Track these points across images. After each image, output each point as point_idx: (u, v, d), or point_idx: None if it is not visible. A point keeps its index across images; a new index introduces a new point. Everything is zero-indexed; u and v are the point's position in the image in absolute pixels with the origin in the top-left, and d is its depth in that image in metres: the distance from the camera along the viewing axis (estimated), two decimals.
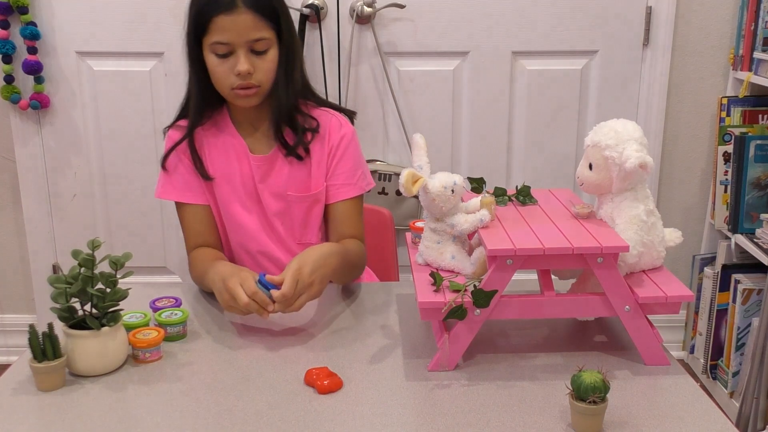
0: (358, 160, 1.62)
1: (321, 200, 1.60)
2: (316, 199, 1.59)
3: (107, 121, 2.52)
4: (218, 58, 1.46)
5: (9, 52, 2.40)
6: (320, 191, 1.59)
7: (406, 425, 1.09)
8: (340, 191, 1.59)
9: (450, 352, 1.22)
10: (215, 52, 1.46)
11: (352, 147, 1.60)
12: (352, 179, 1.60)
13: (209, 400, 1.16)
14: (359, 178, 1.61)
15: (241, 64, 1.44)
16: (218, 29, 1.43)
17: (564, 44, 2.47)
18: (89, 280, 1.20)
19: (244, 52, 1.45)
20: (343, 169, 1.59)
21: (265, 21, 1.45)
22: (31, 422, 1.11)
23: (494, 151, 2.56)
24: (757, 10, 2.30)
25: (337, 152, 1.58)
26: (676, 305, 1.21)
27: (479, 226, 1.25)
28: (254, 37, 1.44)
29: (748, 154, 2.31)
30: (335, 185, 1.59)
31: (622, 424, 1.08)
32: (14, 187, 2.59)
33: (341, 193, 1.59)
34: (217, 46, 1.45)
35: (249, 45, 1.45)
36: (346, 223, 1.60)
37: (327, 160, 1.58)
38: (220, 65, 1.46)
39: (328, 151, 1.58)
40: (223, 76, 1.47)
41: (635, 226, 1.23)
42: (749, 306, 2.36)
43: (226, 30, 1.43)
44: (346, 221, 1.60)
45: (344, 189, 1.60)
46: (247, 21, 1.43)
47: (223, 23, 1.43)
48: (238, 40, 1.44)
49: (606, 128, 1.26)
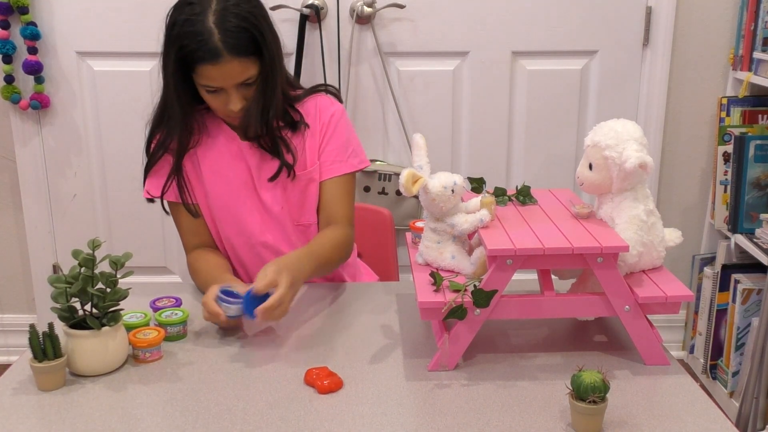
0: (348, 138, 1.62)
1: (316, 179, 1.59)
2: (310, 178, 1.59)
3: (107, 121, 2.52)
4: (209, 93, 1.46)
5: (9, 52, 2.40)
6: (314, 168, 1.58)
7: (406, 425, 1.09)
8: (330, 168, 1.59)
9: (450, 352, 1.22)
10: (205, 89, 1.45)
11: (342, 124, 1.60)
12: (342, 156, 1.59)
13: (209, 400, 1.16)
14: (350, 155, 1.60)
15: (233, 103, 1.45)
16: (205, 76, 1.42)
17: (564, 44, 2.47)
18: (89, 279, 1.20)
19: (234, 91, 1.45)
20: (334, 146, 1.59)
21: (251, 59, 1.44)
22: (31, 422, 1.11)
23: (494, 151, 2.56)
24: (757, 10, 2.30)
25: (328, 129, 1.59)
26: (676, 305, 1.22)
27: (479, 226, 1.25)
28: (241, 79, 1.44)
29: (748, 154, 2.31)
30: (326, 162, 1.59)
31: (621, 424, 1.08)
32: (14, 188, 2.59)
33: (332, 170, 1.59)
34: (207, 87, 1.45)
35: (238, 84, 1.44)
36: (334, 203, 1.59)
37: (319, 138, 1.58)
38: (212, 99, 1.47)
39: (320, 129, 1.58)
40: (216, 107, 1.49)
41: (635, 226, 1.23)
42: (749, 306, 2.36)
43: (214, 77, 1.42)
44: (335, 201, 1.59)
45: (335, 166, 1.59)
46: (233, 68, 1.42)
47: (209, 72, 1.42)
48: (227, 84, 1.43)
49: (606, 128, 1.26)
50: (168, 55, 1.45)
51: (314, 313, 1.46)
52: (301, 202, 1.59)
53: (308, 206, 1.60)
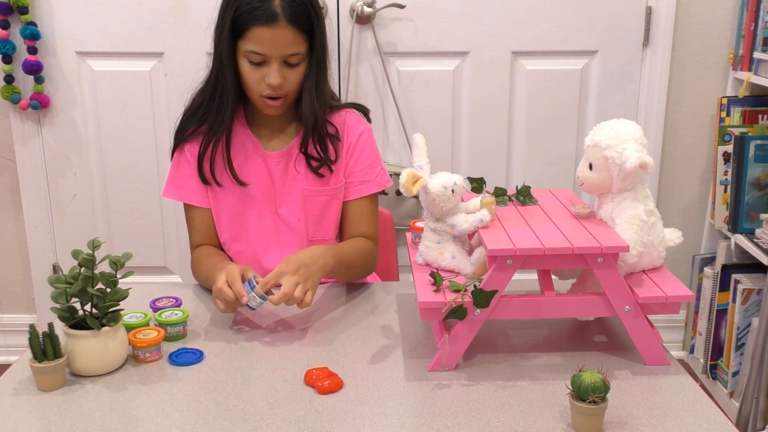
0: (375, 157, 1.63)
1: (339, 197, 1.60)
2: (333, 195, 1.59)
3: (107, 121, 2.52)
4: (251, 65, 1.46)
5: (9, 52, 2.40)
6: (339, 187, 1.59)
7: (406, 425, 1.09)
8: (358, 188, 1.60)
9: (450, 352, 1.22)
10: (248, 59, 1.46)
11: (370, 144, 1.62)
12: (369, 176, 1.61)
13: (209, 400, 1.16)
14: (377, 175, 1.61)
15: (273, 77, 1.45)
16: (255, 39, 1.43)
17: (564, 44, 2.47)
18: (89, 280, 1.20)
19: (277, 65, 1.45)
20: (362, 166, 1.60)
21: (303, 35, 1.46)
22: (31, 422, 1.11)
23: (494, 151, 2.56)
24: (757, 10, 2.30)
25: (356, 149, 1.59)
26: (676, 305, 1.22)
27: (479, 226, 1.25)
28: (290, 51, 1.45)
29: (748, 154, 2.31)
30: (353, 182, 1.60)
31: (622, 424, 1.08)
32: (14, 188, 2.59)
33: (359, 190, 1.60)
34: (252, 55, 1.45)
35: (283, 58, 1.45)
36: (359, 222, 1.61)
37: (346, 157, 1.59)
38: (252, 72, 1.46)
39: (347, 148, 1.59)
40: (253, 83, 1.47)
41: (635, 226, 1.23)
42: (749, 306, 2.36)
43: (264, 42, 1.43)
44: (360, 220, 1.61)
45: (362, 186, 1.60)
46: (286, 35, 1.43)
47: (261, 34, 1.42)
48: (274, 53, 1.44)
49: (606, 128, 1.26)
50: (224, 19, 1.46)
51: (314, 314, 1.46)
52: (320, 218, 1.60)
53: (327, 223, 1.61)
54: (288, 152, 1.57)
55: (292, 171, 1.57)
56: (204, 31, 1.59)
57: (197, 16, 2.41)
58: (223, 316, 1.45)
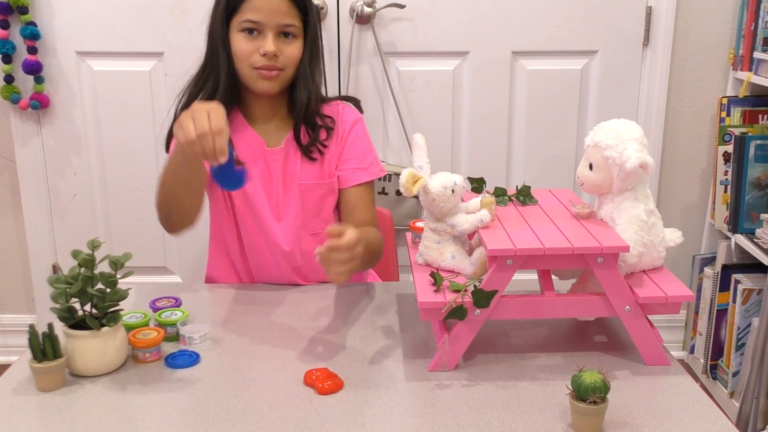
0: (368, 146, 1.64)
1: (335, 190, 1.61)
2: (330, 188, 1.60)
3: (107, 121, 2.52)
4: (245, 36, 1.48)
5: (9, 52, 2.40)
6: (334, 180, 1.60)
7: (407, 426, 1.09)
8: (353, 176, 1.61)
9: (450, 352, 1.22)
10: (244, 29, 1.48)
11: (362, 132, 1.63)
12: (363, 164, 1.61)
13: (209, 400, 1.15)
14: (371, 163, 1.62)
15: (268, 44, 1.47)
16: (251, 8, 1.46)
17: (564, 44, 2.47)
18: (89, 280, 1.20)
19: (272, 34, 1.47)
20: (355, 154, 1.61)
21: (297, 10, 1.49)
22: (31, 422, 1.11)
23: (494, 151, 2.56)
24: (757, 10, 2.30)
25: (349, 138, 1.61)
26: (677, 305, 1.21)
27: (479, 226, 1.25)
28: (285, 21, 1.48)
29: (748, 154, 2.31)
30: (348, 170, 1.61)
31: (622, 425, 1.08)
32: (14, 188, 2.59)
33: (354, 177, 1.61)
34: (247, 23, 1.47)
35: (278, 29, 1.48)
36: (359, 210, 1.61)
37: (340, 146, 1.60)
38: (246, 43, 1.48)
39: (341, 136, 1.60)
40: (247, 54, 1.48)
41: (635, 226, 1.23)
42: (749, 306, 2.36)
43: (260, 10, 1.46)
44: (359, 207, 1.61)
45: (357, 173, 1.61)
46: (281, 5, 1.47)
47: (257, 2, 1.46)
48: (269, 22, 1.46)
49: (606, 128, 1.26)
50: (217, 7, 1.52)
51: (314, 313, 1.46)
52: (317, 211, 1.60)
53: (324, 216, 1.61)
54: (285, 147, 1.57)
55: (290, 166, 1.57)
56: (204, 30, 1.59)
57: (197, 16, 2.40)
58: (223, 315, 1.45)
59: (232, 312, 1.48)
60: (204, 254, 2.74)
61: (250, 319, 1.43)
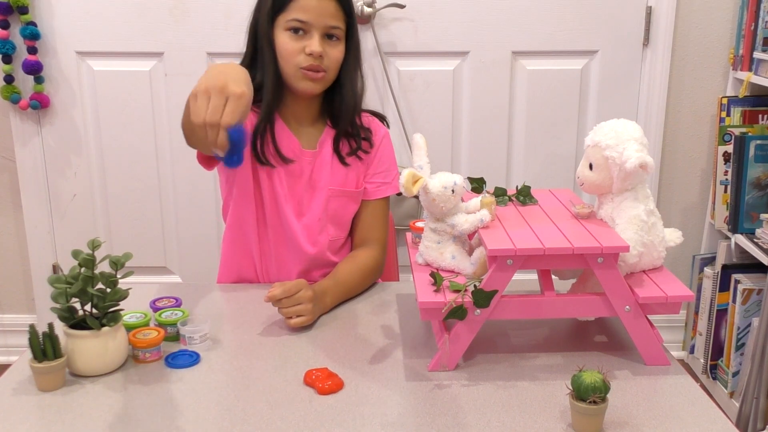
0: (393, 161, 1.67)
1: (358, 200, 1.63)
2: (354, 198, 1.62)
3: (107, 121, 2.52)
4: (291, 36, 1.48)
5: (9, 52, 2.40)
6: (359, 191, 1.62)
7: (407, 426, 1.09)
8: (377, 190, 1.63)
9: (450, 352, 1.22)
10: (290, 28, 1.48)
11: (390, 147, 1.66)
12: (388, 178, 1.65)
13: (209, 400, 1.16)
14: (394, 177, 1.65)
15: (314, 44, 1.47)
16: (299, 8, 1.47)
17: (564, 44, 2.47)
18: (89, 280, 1.20)
19: (318, 35, 1.47)
20: (383, 168, 1.64)
21: (343, 13, 1.50)
22: (31, 422, 1.11)
23: (494, 151, 2.56)
24: (757, 10, 2.30)
25: (378, 152, 1.63)
26: (677, 305, 1.21)
27: (479, 226, 1.25)
28: (331, 23, 1.48)
29: (748, 154, 2.31)
30: (374, 183, 1.63)
31: (622, 425, 1.08)
32: (14, 188, 2.59)
33: (378, 191, 1.63)
34: (294, 23, 1.47)
35: (324, 30, 1.48)
36: (373, 225, 1.64)
37: (369, 160, 1.63)
38: (292, 42, 1.48)
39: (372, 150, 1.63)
40: (293, 53, 1.48)
41: (635, 226, 1.23)
42: (749, 306, 2.36)
43: (308, 10, 1.46)
44: (373, 223, 1.64)
45: (382, 188, 1.64)
46: (330, 6, 1.48)
47: (306, 3, 1.46)
48: (316, 22, 1.47)
49: (606, 128, 1.26)
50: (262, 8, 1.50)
51: None
52: (338, 218, 1.62)
53: (343, 223, 1.63)
54: (318, 152, 1.58)
55: (320, 170, 1.58)
56: (204, 30, 1.59)
57: (197, 16, 2.41)
58: (223, 315, 1.45)
59: (232, 312, 1.48)
60: (204, 254, 2.75)
61: (250, 319, 1.43)
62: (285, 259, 1.61)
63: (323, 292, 1.44)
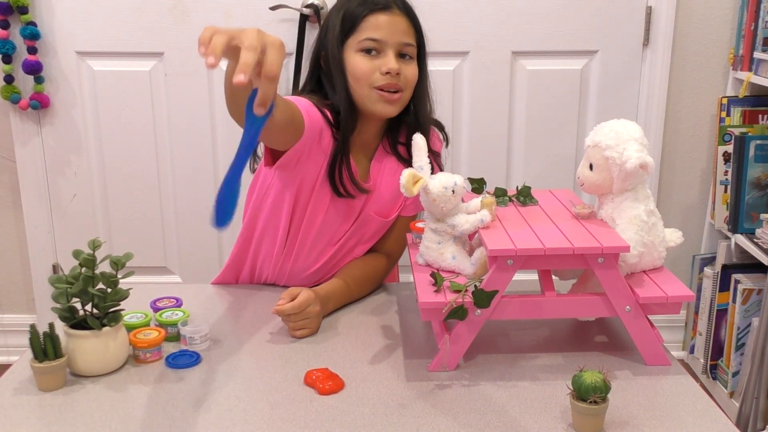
0: None
1: (392, 222, 1.59)
2: (388, 224, 1.59)
3: (107, 121, 2.52)
4: (364, 56, 1.43)
5: (9, 52, 2.40)
6: (395, 217, 1.59)
7: (407, 426, 1.09)
8: (408, 207, 1.60)
9: (451, 353, 1.22)
10: (363, 49, 1.43)
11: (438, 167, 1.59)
12: None
13: (210, 401, 1.16)
14: None
15: (390, 62, 1.42)
16: (372, 26, 1.43)
17: (564, 44, 2.47)
18: (90, 280, 1.20)
19: (393, 53, 1.43)
20: None
21: (414, 31, 1.47)
22: (31, 422, 1.11)
23: (494, 152, 2.56)
24: (757, 10, 2.30)
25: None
26: (677, 305, 1.22)
27: (480, 227, 1.25)
28: (404, 40, 1.45)
29: (748, 154, 2.31)
30: (411, 200, 1.57)
31: (622, 424, 1.08)
32: (14, 188, 2.59)
33: (410, 208, 1.60)
34: (367, 42, 1.42)
35: (398, 48, 1.44)
36: (398, 239, 1.60)
37: None
38: (365, 62, 1.42)
39: None
40: (367, 74, 1.42)
41: (636, 226, 1.23)
42: (749, 306, 2.36)
43: (381, 28, 1.42)
44: (395, 237, 1.61)
45: (412, 205, 1.59)
46: (402, 23, 1.45)
47: (378, 21, 1.43)
48: (390, 40, 1.43)
49: (606, 128, 1.26)
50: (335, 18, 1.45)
51: None
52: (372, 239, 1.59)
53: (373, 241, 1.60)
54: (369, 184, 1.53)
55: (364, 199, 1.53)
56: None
57: (197, 16, 2.41)
58: (224, 315, 1.45)
59: (233, 312, 1.48)
60: (204, 254, 2.74)
61: (250, 319, 1.43)
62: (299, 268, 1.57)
63: (327, 298, 1.43)
